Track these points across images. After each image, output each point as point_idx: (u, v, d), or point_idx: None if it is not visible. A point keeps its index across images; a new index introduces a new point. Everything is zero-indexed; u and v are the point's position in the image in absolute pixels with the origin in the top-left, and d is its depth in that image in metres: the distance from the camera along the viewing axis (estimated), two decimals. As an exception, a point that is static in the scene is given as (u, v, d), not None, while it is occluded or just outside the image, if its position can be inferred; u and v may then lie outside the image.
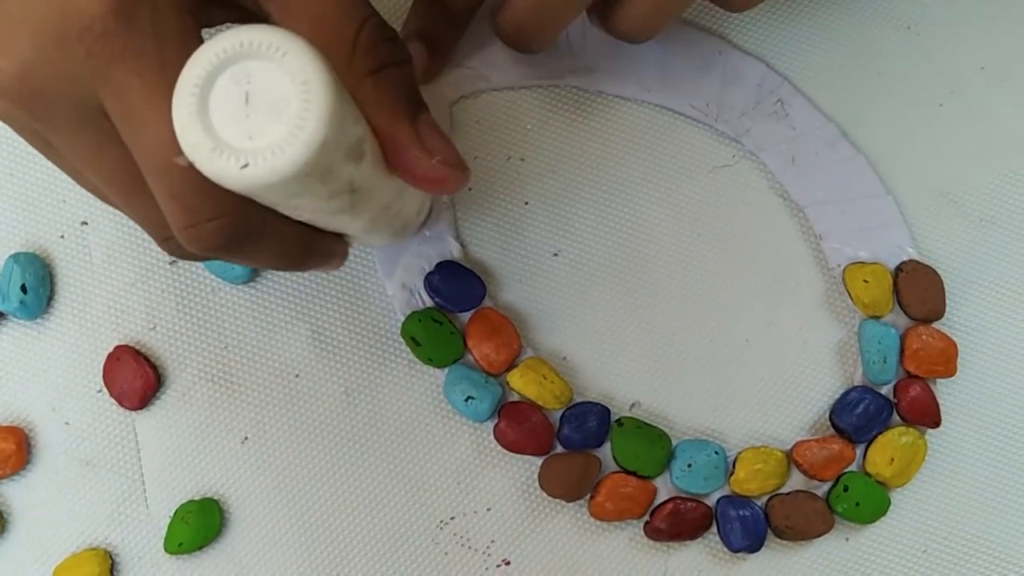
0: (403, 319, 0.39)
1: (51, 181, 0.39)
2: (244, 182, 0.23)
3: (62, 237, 0.39)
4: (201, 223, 0.26)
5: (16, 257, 0.38)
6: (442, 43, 0.39)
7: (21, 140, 0.39)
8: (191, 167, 0.24)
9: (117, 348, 0.39)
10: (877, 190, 0.42)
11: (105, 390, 0.39)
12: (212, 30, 0.29)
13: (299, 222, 0.29)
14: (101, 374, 0.39)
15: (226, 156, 0.23)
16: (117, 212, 0.39)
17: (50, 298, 0.39)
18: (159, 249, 0.39)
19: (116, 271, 0.39)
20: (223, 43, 0.23)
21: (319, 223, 0.29)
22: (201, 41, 0.26)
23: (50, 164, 0.39)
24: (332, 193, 0.26)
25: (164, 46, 0.25)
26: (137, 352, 0.39)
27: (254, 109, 0.23)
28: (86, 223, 0.39)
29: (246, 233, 0.27)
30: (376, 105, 0.28)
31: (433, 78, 0.40)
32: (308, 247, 0.31)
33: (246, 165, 0.23)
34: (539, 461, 0.39)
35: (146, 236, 0.39)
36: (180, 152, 0.24)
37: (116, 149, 0.27)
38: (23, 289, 0.38)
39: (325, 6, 0.28)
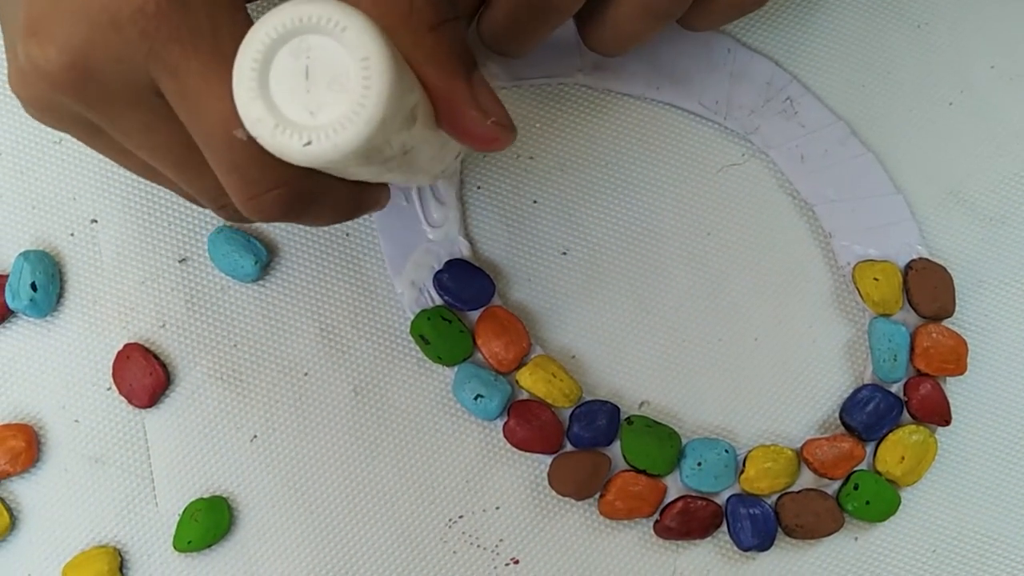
0: (412, 317, 0.39)
1: (61, 179, 0.39)
2: (307, 158, 0.23)
3: (72, 235, 0.39)
4: (261, 194, 0.27)
5: (26, 255, 0.38)
6: None
7: (31, 138, 0.40)
8: (251, 140, 0.24)
9: (127, 346, 0.39)
10: (887, 188, 0.42)
11: (114, 388, 0.39)
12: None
13: (352, 182, 0.29)
14: (111, 372, 0.39)
15: (289, 133, 0.23)
16: (127, 210, 0.39)
17: (60, 296, 0.39)
18: (169, 247, 0.39)
19: (126, 269, 0.39)
20: (282, 17, 0.23)
21: (371, 180, 0.29)
22: (250, 17, 0.26)
23: (61, 162, 0.40)
24: (387, 158, 0.26)
25: (218, 22, 0.25)
26: (146, 350, 0.39)
27: (314, 84, 0.23)
28: (96, 221, 0.39)
29: (305, 200, 0.28)
30: (435, 63, 0.28)
31: None
32: (358, 201, 0.31)
33: (308, 143, 0.23)
34: (548, 459, 0.39)
35: (156, 234, 0.39)
36: (240, 126, 0.24)
37: (171, 125, 0.27)
38: (33, 287, 0.38)
39: None
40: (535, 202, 0.41)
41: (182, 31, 0.25)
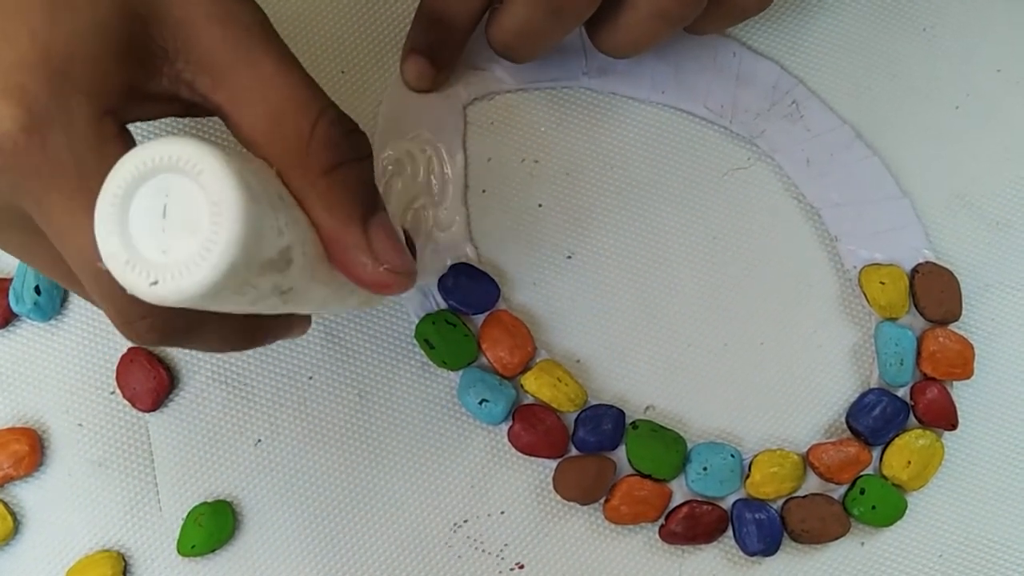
0: (417, 321, 0.39)
1: (65, 182, 0.39)
2: (155, 297, 0.23)
3: (76, 238, 0.39)
4: (134, 321, 0.27)
5: (30, 258, 0.38)
6: (444, 56, 0.39)
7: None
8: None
9: (130, 350, 0.39)
10: (893, 192, 0.42)
11: (118, 392, 0.39)
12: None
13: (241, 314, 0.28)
14: (114, 375, 0.39)
15: (138, 271, 0.23)
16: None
17: (64, 300, 0.39)
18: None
19: (130, 273, 0.39)
20: (143, 155, 0.23)
21: (259, 312, 0.28)
22: (125, 142, 0.26)
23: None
24: (255, 299, 0.25)
25: (81, 157, 0.25)
26: (150, 354, 0.39)
27: (170, 223, 0.23)
28: (100, 225, 0.39)
29: (181, 330, 0.28)
30: (327, 207, 0.27)
31: (437, 90, 0.40)
32: (257, 329, 0.31)
33: (155, 282, 0.23)
34: (553, 464, 0.39)
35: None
36: (101, 258, 0.23)
37: (48, 247, 0.27)
38: (37, 291, 0.38)
39: (279, 98, 0.27)
40: (540, 206, 0.41)
41: (42, 167, 0.25)
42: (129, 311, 0.26)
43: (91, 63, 0.25)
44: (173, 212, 0.23)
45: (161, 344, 0.28)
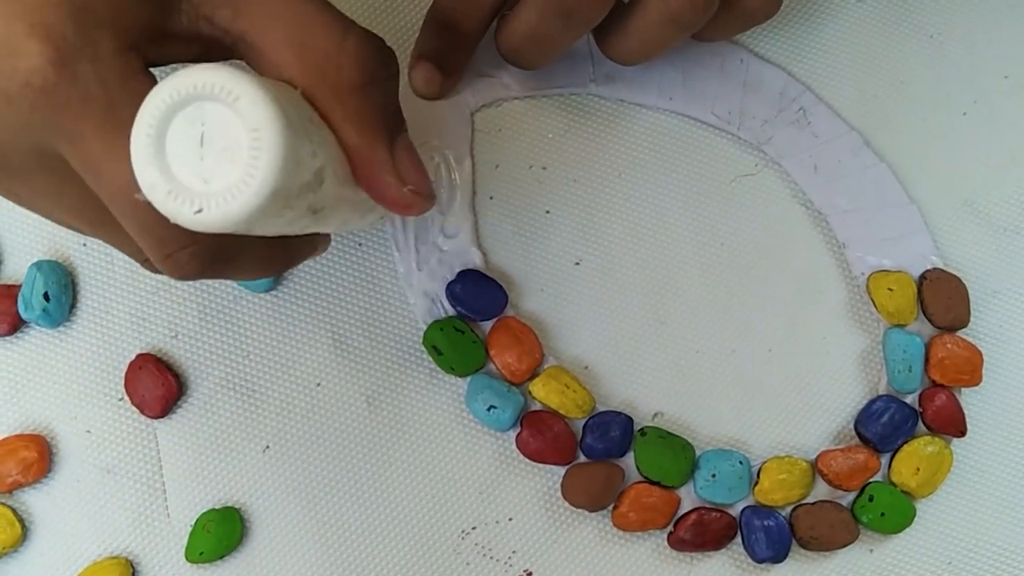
0: (425, 328, 0.39)
1: (74, 189, 0.39)
2: (200, 226, 0.23)
3: (84, 245, 0.39)
4: (175, 252, 0.27)
5: (39, 265, 0.38)
6: (452, 62, 0.39)
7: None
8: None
9: (139, 356, 0.39)
10: (901, 198, 0.42)
11: (127, 398, 0.39)
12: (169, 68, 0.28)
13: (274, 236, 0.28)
14: (123, 382, 0.39)
15: (181, 200, 0.23)
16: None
17: (72, 306, 0.39)
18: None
19: (138, 279, 0.39)
20: (177, 84, 0.23)
21: (289, 233, 0.29)
22: (150, 78, 0.26)
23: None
24: (291, 220, 0.25)
25: (111, 89, 0.25)
26: (159, 360, 0.39)
27: (209, 151, 0.23)
28: (109, 231, 0.39)
29: (221, 256, 0.28)
30: (355, 125, 0.27)
31: (444, 96, 0.40)
32: (287, 252, 0.31)
33: (200, 210, 0.23)
34: (562, 471, 0.39)
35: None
36: (139, 190, 0.24)
37: (78, 188, 0.27)
38: (46, 297, 0.38)
39: (304, 17, 0.27)
40: (548, 212, 0.41)
41: (73, 101, 0.25)
42: (170, 242, 0.26)
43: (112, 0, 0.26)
44: (211, 140, 0.23)
45: (201, 274, 0.28)
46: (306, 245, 0.33)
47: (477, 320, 0.39)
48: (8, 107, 0.25)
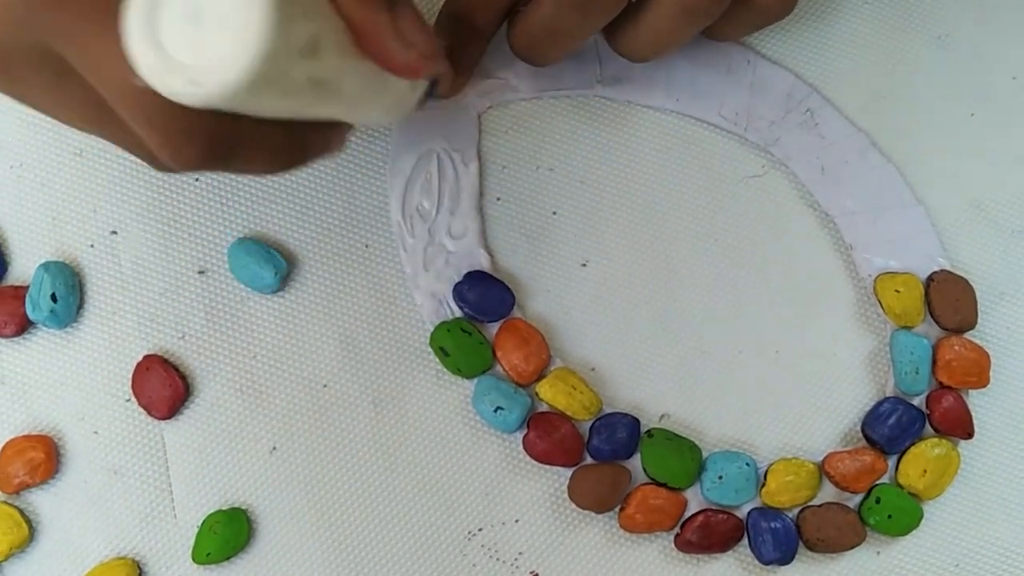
0: (432, 329, 0.39)
1: (81, 191, 0.40)
2: (199, 100, 0.23)
3: (92, 246, 0.39)
4: (181, 142, 0.27)
5: (46, 266, 0.38)
6: (466, 58, 0.39)
7: (52, 150, 0.40)
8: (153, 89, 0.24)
9: (146, 357, 0.39)
10: (908, 200, 0.42)
11: (134, 399, 0.39)
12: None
13: (281, 122, 0.28)
14: (130, 383, 0.39)
15: (177, 75, 0.23)
16: (146, 222, 0.39)
17: (80, 307, 0.39)
18: (188, 258, 0.39)
19: (145, 280, 0.39)
20: None
21: (298, 117, 0.29)
22: None
23: (81, 174, 0.40)
24: (294, 94, 0.25)
25: None
26: (166, 361, 0.39)
27: (202, 22, 0.23)
28: (116, 232, 0.39)
29: (227, 143, 0.28)
30: None
31: (457, 93, 0.40)
32: (299, 143, 0.31)
33: (197, 83, 0.23)
34: (568, 472, 0.39)
35: (176, 245, 0.39)
36: (137, 74, 0.24)
37: (79, 84, 0.27)
38: (53, 298, 0.38)
39: None
40: (555, 214, 0.41)
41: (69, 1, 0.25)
42: (173, 131, 0.27)
43: None
44: (202, 13, 0.23)
45: (203, 161, 0.28)
46: (317, 138, 0.31)
47: (484, 321, 0.39)
48: (4, 7, 0.26)
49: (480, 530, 0.39)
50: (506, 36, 0.38)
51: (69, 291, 0.38)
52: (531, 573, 0.39)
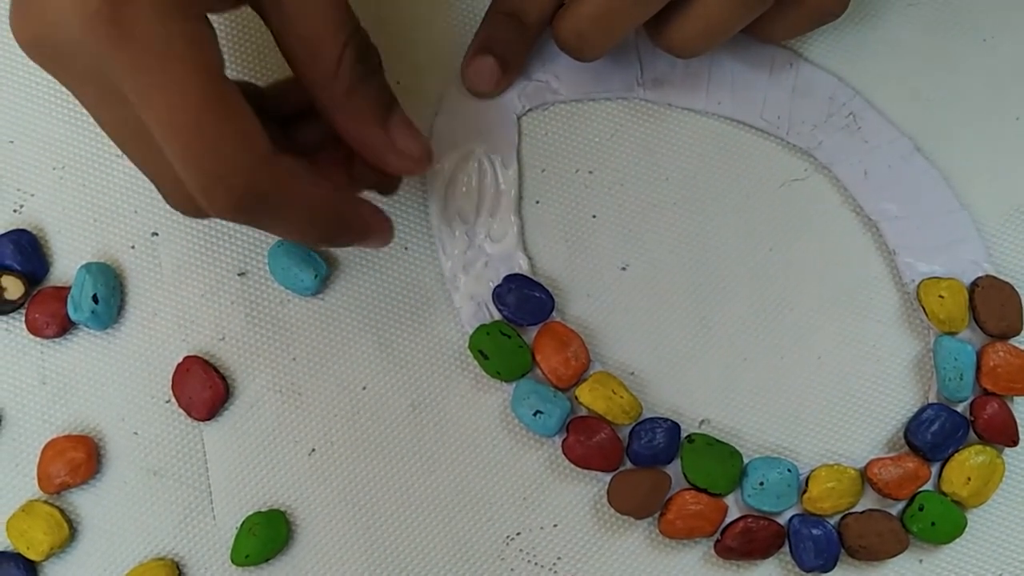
0: (470, 332, 0.39)
1: (122, 192, 0.40)
2: None
3: (133, 248, 0.40)
4: (215, 184, 0.29)
5: (88, 267, 0.38)
6: (514, 56, 0.39)
7: (94, 152, 0.40)
8: (205, 127, 0.27)
9: (186, 359, 0.39)
10: (952, 205, 0.41)
11: (174, 400, 0.39)
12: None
13: (326, 188, 0.31)
14: (170, 384, 0.39)
15: None
16: (187, 224, 0.39)
17: (121, 308, 0.39)
18: (229, 260, 0.39)
19: (186, 282, 0.39)
20: None
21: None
22: (199, 20, 0.29)
23: (122, 176, 0.40)
24: None
25: (156, 29, 0.28)
26: (206, 363, 0.39)
27: None
28: (156, 234, 0.40)
29: (263, 198, 0.30)
30: (352, 118, 0.32)
31: (497, 95, 0.40)
32: (338, 217, 0.33)
33: None
34: (608, 477, 0.39)
35: (216, 247, 0.39)
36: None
37: (122, 105, 0.29)
38: (95, 299, 0.38)
39: (317, 24, 0.31)
40: (594, 217, 0.41)
41: (124, 38, 0.27)
42: (214, 174, 0.29)
43: None
44: None
45: (238, 214, 0.30)
46: (356, 225, 0.34)
47: (523, 324, 0.39)
48: (78, 27, 0.27)
49: (518, 534, 0.39)
50: (552, 30, 0.38)
51: (110, 292, 0.39)
52: (569, 578, 0.39)
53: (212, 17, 0.31)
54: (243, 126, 0.29)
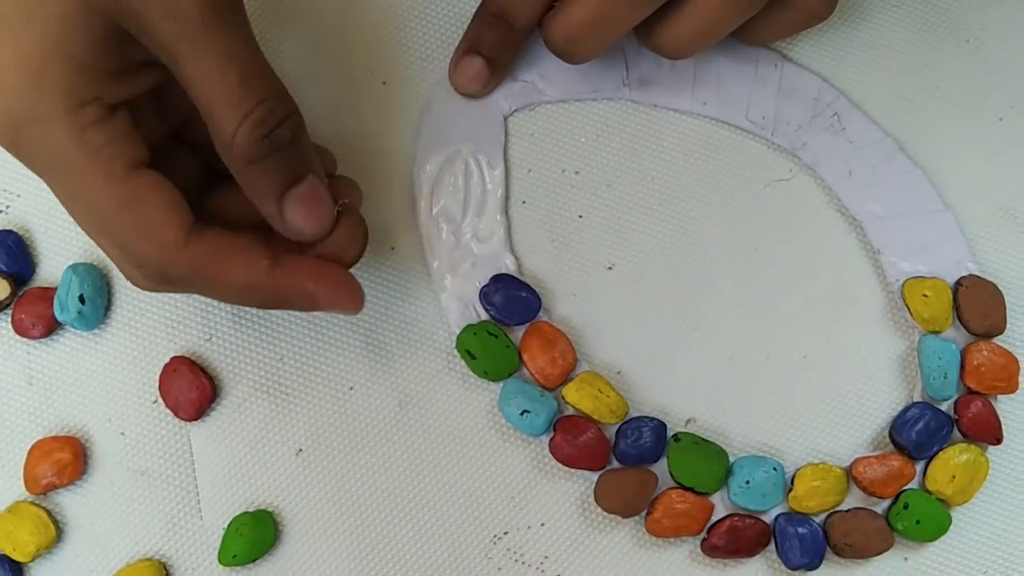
0: (458, 332, 0.39)
1: (109, 192, 0.40)
2: None
3: (120, 248, 0.40)
4: (134, 273, 0.32)
5: (75, 267, 0.38)
6: (501, 57, 0.40)
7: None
8: (120, 221, 0.30)
9: (173, 359, 0.39)
10: (936, 204, 0.41)
11: (161, 401, 0.39)
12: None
13: (255, 266, 0.32)
14: (157, 385, 0.39)
15: None
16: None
17: (107, 309, 0.39)
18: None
19: (173, 282, 0.39)
20: None
21: None
22: (110, 124, 0.30)
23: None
24: None
25: (62, 146, 0.29)
26: (193, 363, 0.39)
27: None
28: (143, 234, 0.40)
29: (179, 277, 0.31)
30: (247, 187, 0.32)
31: (484, 96, 0.41)
32: (271, 293, 0.33)
33: None
34: (594, 476, 0.39)
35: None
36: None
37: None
38: (81, 300, 0.38)
39: (215, 96, 0.30)
40: (581, 217, 0.41)
41: (35, 154, 0.30)
42: (128, 265, 0.32)
43: (67, 60, 0.29)
44: None
45: (165, 291, 0.32)
46: (298, 297, 0.33)
47: (510, 324, 0.39)
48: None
49: (506, 533, 0.39)
50: (541, 32, 0.38)
51: (97, 293, 0.39)
52: (557, 577, 0.39)
53: None
54: (150, 218, 0.30)
